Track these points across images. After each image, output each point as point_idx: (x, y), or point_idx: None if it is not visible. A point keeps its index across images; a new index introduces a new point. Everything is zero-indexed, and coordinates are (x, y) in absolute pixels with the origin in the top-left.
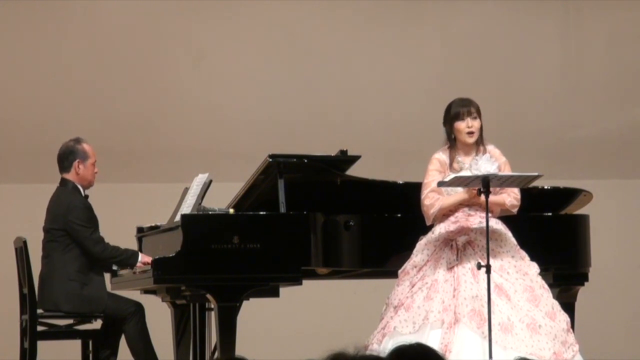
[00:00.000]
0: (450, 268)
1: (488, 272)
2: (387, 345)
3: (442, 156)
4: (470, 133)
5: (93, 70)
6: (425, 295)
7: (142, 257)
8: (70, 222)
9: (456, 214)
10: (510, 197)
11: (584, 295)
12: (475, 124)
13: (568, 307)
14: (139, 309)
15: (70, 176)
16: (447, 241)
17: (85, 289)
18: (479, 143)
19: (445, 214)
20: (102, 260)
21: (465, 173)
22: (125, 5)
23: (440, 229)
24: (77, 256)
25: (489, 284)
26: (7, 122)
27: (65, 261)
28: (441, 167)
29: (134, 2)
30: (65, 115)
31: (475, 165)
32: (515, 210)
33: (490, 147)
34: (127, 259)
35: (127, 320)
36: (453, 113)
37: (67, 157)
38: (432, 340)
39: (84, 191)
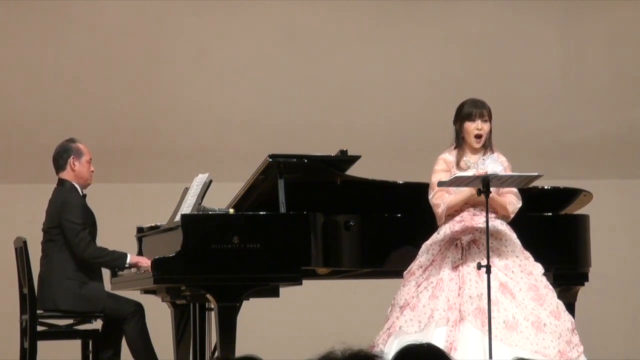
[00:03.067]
0: (455, 267)
1: (488, 272)
2: (392, 345)
3: (448, 156)
4: (479, 136)
5: (93, 70)
6: (431, 294)
7: (131, 259)
8: (63, 219)
9: (462, 214)
10: (511, 204)
11: (584, 295)
12: (484, 127)
13: (568, 307)
14: (139, 309)
15: (66, 175)
16: (452, 240)
17: (84, 287)
18: (486, 146)
19: (451, 214)
20: (85, 261)
21: (470, 172)
22: (124, 5)
23: (445, 229)
24: (74, 255)
25: (489, 283)
26: (7, 122)
27: (63, 260)
28: (447, 167)
29: (133, 2)
30: (65, 115)
31: (482, 164)
32: (511, 217)
33: (496, 154)
34: (112, 260)
35: (127, 320)
36: (465, 113)
37: (62, 155)
38: (437, 338)
39: (81, 190)
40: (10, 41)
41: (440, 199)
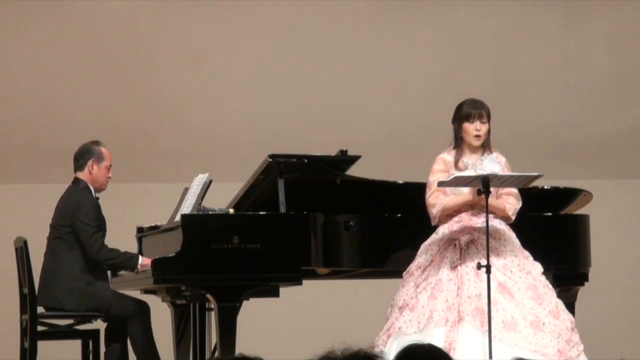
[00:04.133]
0: (453, 267)
1: (488, 272)
2: (392, 346)
3: (446, 156)
4: (477, 136)
5: (93, 70)
6: (429, 295)
7: (142, 260)
8: (77, 219)
9: (460, 214)
10: (510, 205)
11: (584, 295)
12: (483, 128)
13: (568, 307)
14: (143, 308)
15: (83, 175)
16: (451, 241)
17: (90, 287)
18: (485, 147)
19: (450, 214)
20: (99, 262)
21: (468, 173)
22: (125, 5)
23: (444, 229)
24: (81, 255)
25: (489, 283)
26: (7, 122)
27: (70, 260)
28: (445, 167)
29: (134, 2)
30: (65, 116)
31: (480, 165)
32: (512, 219)
33: (495, 154)
34: (125, 261)
35: (132, 319)
36: (464, 113)
37: (83, 155)
38: (436, 338)
39: (94, 193)
40: (10, 41)
41: (437, 199)
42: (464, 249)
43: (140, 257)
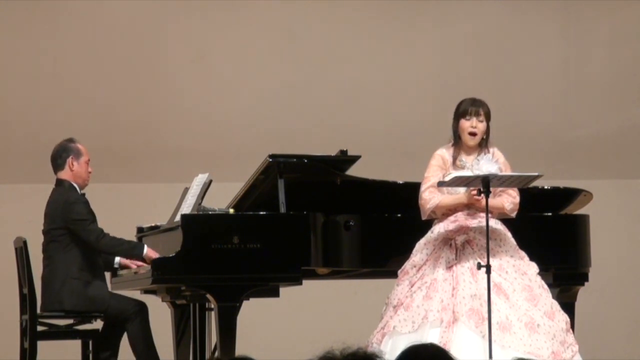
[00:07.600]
0: (449, 267)
1: (488, 272)
2: (386, 345)
3: (444, 153)
4: (472, 134)
5: (93, 70)
6: (425, 295)
7: (147, 251)
8: (69, 217)
9: (456, 214)
10: (508, 202)
11: (584, 295)
12: (479, 126)
13: (568, 307)
14: (142, 308)
15: (64, 174)
16: (446, 240)
17: (89, 287)
18: (482, 146)
19: (445, 213)
20: (102, 252)
21: (466, 172)
22: (125, 5)
23: (439, 228)
24: (78, 255)
25: (489, 283)
26: (7, 122)
27: (66, 260)
28: (443, 164)
29: (133, 2)
30: (65, 116)
31: (477, 165)
32: (514, 215)
33: (493, 150)
34: (130, 249)
35: (131, 319)
36: (461, 110)
37: (61, 154)
38: (431, 339)
39: (80, 190)
40: (10, 41)
41: (433, 194)
42: (460, 249)
43: (145, 246)
